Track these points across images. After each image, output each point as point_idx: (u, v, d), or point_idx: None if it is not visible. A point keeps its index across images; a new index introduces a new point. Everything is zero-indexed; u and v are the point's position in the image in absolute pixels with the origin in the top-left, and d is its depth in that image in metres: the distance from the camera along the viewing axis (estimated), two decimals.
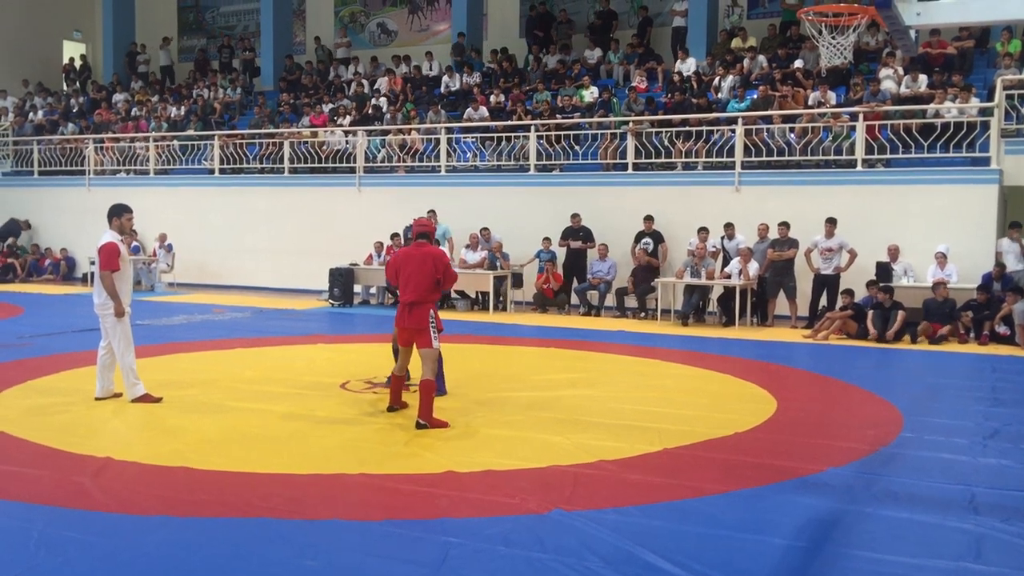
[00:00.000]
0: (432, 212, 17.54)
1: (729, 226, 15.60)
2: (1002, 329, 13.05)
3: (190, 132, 22.91)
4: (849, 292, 13.71)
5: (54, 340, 12.34)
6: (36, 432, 7.26)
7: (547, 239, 16.92)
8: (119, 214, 8.51)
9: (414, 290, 7.84)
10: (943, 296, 13.30)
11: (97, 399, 8.51)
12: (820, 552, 4.92)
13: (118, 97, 26.10)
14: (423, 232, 8.18)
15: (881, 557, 4.80)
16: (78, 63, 29.20)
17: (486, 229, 17.21)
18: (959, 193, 14.75)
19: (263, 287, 20.00)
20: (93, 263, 8.44)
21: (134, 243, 20.69)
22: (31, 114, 26.25)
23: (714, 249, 15.57)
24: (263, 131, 21.64)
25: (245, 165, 21.42)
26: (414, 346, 7.97)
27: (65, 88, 28.09)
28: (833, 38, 9.70)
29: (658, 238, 16.25)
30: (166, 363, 10.64)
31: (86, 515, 5.37)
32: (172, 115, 24.07)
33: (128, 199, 9.59)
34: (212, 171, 21.74)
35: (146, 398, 8.42)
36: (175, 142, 22.66)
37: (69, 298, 18.41)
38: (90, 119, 25.16)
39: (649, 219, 16.27)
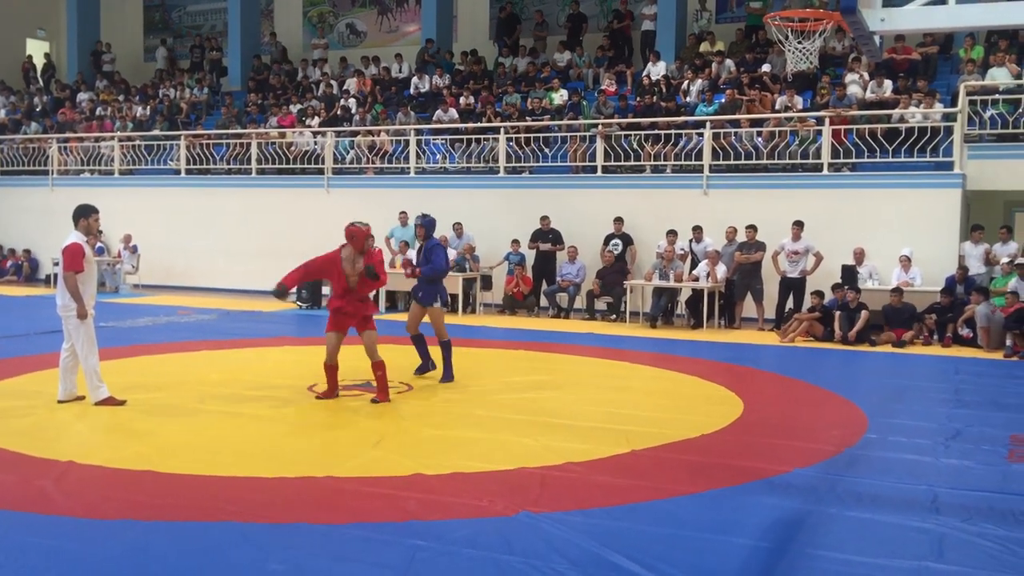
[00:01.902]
0: (403, 213, 17.50)
1: (697, 229, 15.71)
2: (965, 331, 13.23)
3: (156, 132, 22.69)
4: (819, 293, 13.83)
5: (16, 342, 12.16)
6: None
7: (516, 241, 16.94)
8: (86, 215, 8.41)
9: (365, 286, 8.87)
10: (899, 302, 13.45)
11: (60, 402, 8.38)
12: (785, 552, 4.96)
13: (82, 96, 25.78)
14: (351, 236, 8.88)
15: (845, 557, 4.85)
16: (41, 61, 28.81)
17: (459, 224, 17.16)
18: (923, 197, 14.94)
19: (231, 289, 19.83)
20: (56, 264, 8.33)
21: (99, 244, 20.45)
22: None
23: (682, 252, 15.66)
24: (230, 131, 21.47)
25: (212, 166, 21.24)
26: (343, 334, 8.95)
27: (25, 87, 27.68)
28: (799, 43, 9.81)
29: (627, 240, 16.32)
30: (131, 365, 10.52)
31: (49, 520, 5.29)
32: (137, 115, 23.82)
33: (93, 199, 9.46)
34: (178, 171, 21.54)
35: (110, 401, 8.32)
36: (140, 142, 22.43)
37: (31, 300, 18.16)
38: (54, 118, 24.83)
39: (619, 221, 16.34)
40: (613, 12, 22.30)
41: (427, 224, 10.36)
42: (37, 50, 29.58)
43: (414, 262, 10.44)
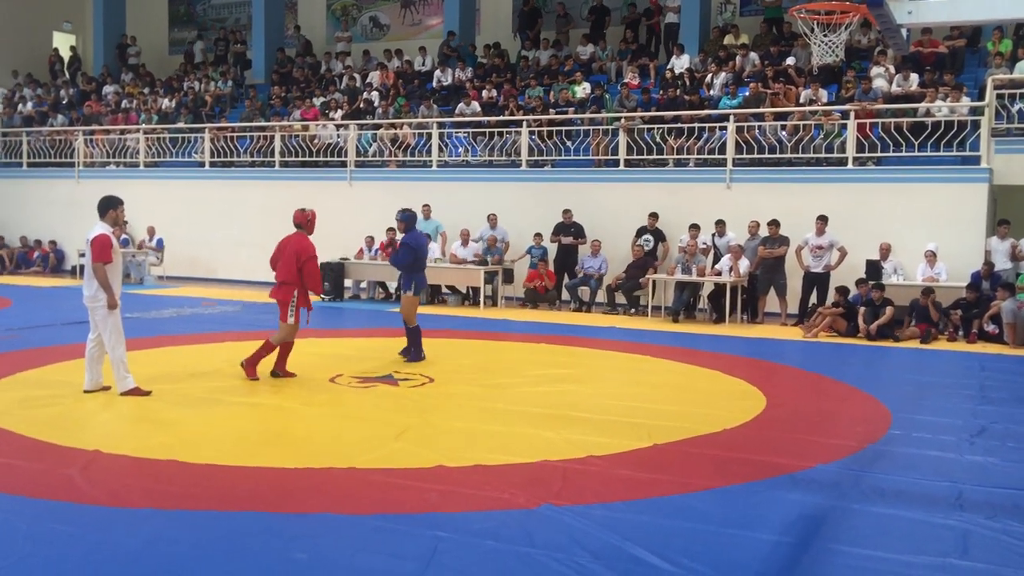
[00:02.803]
0: (426, 207, 17.53)
1: (720, 223, 15.62)
2: (991, 327, 13.11)
3: (180, 125, 22.83)
4: (843, 289, 13.72)
5: (42, 332, 12.30)
6: (25, 425, 7.24)
7: (538, 235, 16.92)
8: (114, 206, 8.49)
9: (282, 270, 9.35)
10: (927, 303, 13.29)
11: (86, 392, 8.47)
12: (808, 548, 4.94)
13: (108, 89, 25.97)
14: (296, 222, 9.55)
15: (868, 553, 4.83)
16: (67, 55, 29.05)
17: (493, 215, 17.16)
18: (949, 192, 14.80)
19: (254, 281, 19.92)
20: (82, 255, 8.42)
21: (123, 236, 20.63)
22: (20, 105, 26.12)
23: (704, 246, 15.59)
24: (254, 124, 21.58)
25: (236, 158, 21.36)
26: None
27: (51, 79, 27.93)
28: (825, 36, 9.73)
29: (659, 236, 16.24)
30: (156, 356, 10.61)
31: (75, 508, 5.36)
32: (162, 107, 23.98)
33: (118, 191, 9.55)
34: (203, 164, 21.67)
35: (136, 391, 8.39)
36: (165, 134, 22.58)
37: (58, 291, 18.34)
38: (80, 111, 25.04)
39: (653, 216, 16.23)
40: (631, 7, 22.20)
41: (406, 219, 10.95)
42: (63, 43, 29.84)
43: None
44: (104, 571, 4.47)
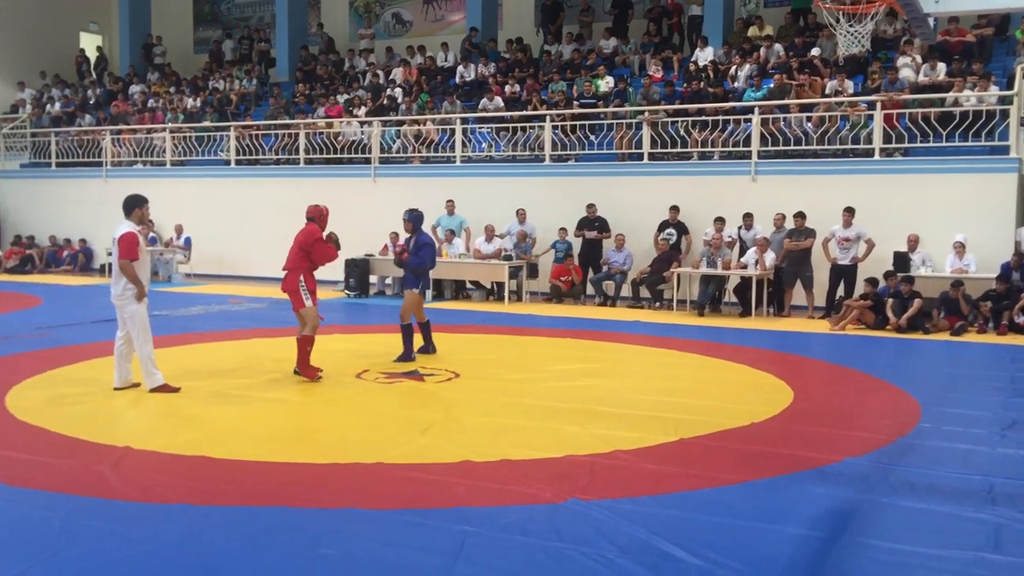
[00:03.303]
0: (450, 202, 17.56)
1: (748, 216, 15.50)
2: (1021, 319, 12.95)
3: (206, 123, 22.99)
4: (872, 281, 13.60)
5: (72, 331, 12.43)
6: (56, 422, 7.32)
7: (563, 229, 16.90)
8: (139, 205, 8.60)
9: (288, 260, 9.37)
10: (957, 295, 13.15)
11: (116, 389, 8.56)
12: (837, 542, 4.91)
13: (134, 88, 26.20)
14: (309, 215, 9.56)
15: (898, 547, 4.79)
16: (94, 55, 29.33)
17: (522, 210, 17.15)
18: (978, 182, 14.64)
19: (280, 277, 19.99)
20: (110, 254, 8.51)
21: (151, 234, 20.81)
22: (48, 106, 26.40)
23: (730, 239, 15.52)
24: (279, 122, 21.69)
25: (261, 156, 21.49)
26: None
27: (79, 80, 28.22)
28: (851, 26, 9.65)
29: (682, 229, 16.19)
30: (184, 353, 10.71)
31: (106, 504, 5.41)
32: (188, 106, 24.15)
33: (145, 190, 9.65)
34: (228, 162, 21.82)
35: (164, 388, 8.47)
36: (191, 133, 22.74)
37: (87, 289, 18.53)
38: (107, 110, 25.28)
39: (674, 210, 16.20)
40: (654, 0, 22.12)
41: (414, 219, 10.84)
42: (90, 44, 30.13)
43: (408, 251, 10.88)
44: (136, 566, 4.51)
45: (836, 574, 4.55)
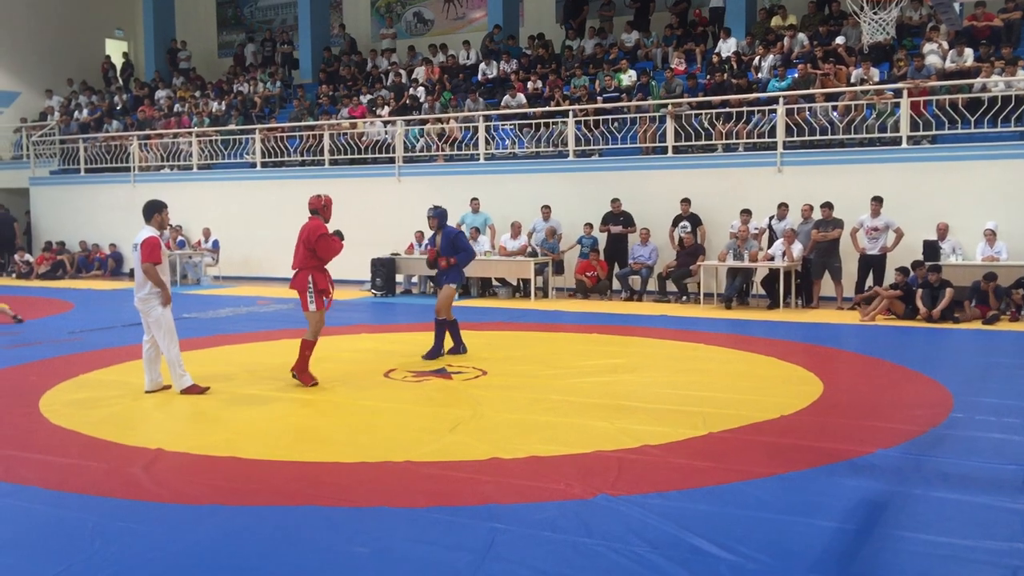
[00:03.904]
0: (475, 200, 17.58)
1: (782, 206, 15.30)
2: None
3: (231, 127, 23.14)
4: (903, 270, 13.46)
5: (103, 335, 12.57)
6: (89, 425, 7.41)
7: (588, 225, 16.87)
8: (159, 210, 8.71)
9: (295, 259, 9.19)
10: (988, 287, 12.99)
11: (147, 392, 8.65)
12: (870, 534, 4.87)
13: (160, 93, 26.43)
14: (312, 208, 9.30)
15: (932, 539, 4.75)
16: (120, 61, 29.62)
17: (547, 207, 17.14)
18: (1008, 168, 14.45)
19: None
20: (136, 249, 8.58)
21: (180, 238, 21.01)
22: (76, 113, 26.69)
23: (756, 231, 15.41)
24: (303, 124, 21.81)
25: (286, 158, 21.62)
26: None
27: (105, 86, 28.51)
28: (875, 13, 9.55)
29: (696, 221, 16.13)
30: (213, 355, 10.80)
31: (139, 505, 5.47)
32: (213, 110, 24.33)
33: (172, 194, 9.80)
34: (254, 165, 21.96)
35: (193, 389, 8.55)
36: (217, 137, 22.91)
37: (117, 293, 18.72)
38: (134, 116, 25.52)
39: (686, 202, 16.14)
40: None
41: (438, 215, 10.70)
42: (116, 50, 30.44)
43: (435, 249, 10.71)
44: (170, 567, 4.56)
45: (868, 566, 4.50)
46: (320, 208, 9.36)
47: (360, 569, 4.51)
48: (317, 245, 9.08)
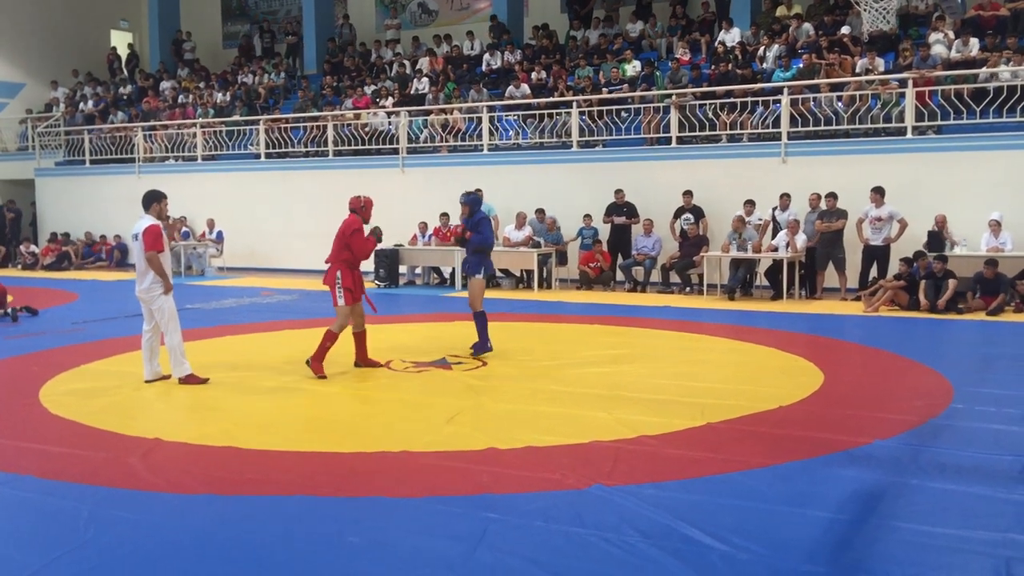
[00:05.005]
0: (479, 191, 17.51)
1: (784, 196, 15.25)
2: None
3: (236, 117, 23.15)
4: (907, 260, 13.40)
5: (106, 325, 12.61)
6: (88, 415, 7.43)
7: (588, 216, 16.84)
8: (158, 199, 8.72)
9: (331, 252, 9.24)
10: (992, 274, 12.95)
11: (147, 382, 8.67)
12: (864, 525, 4.85)
13: (165, 84, 26.44)
14: (352, 207, 9.48)
15: (926, 529, 4.73)
16: (125, 52, 29.63)
17: (541, 211, 17.12)
18: (1013, 159, 14.37)
19: (311, 269, 20.15)
20: (136, 238, 8.58)
21: (184, 228, 21.03)
22: (81, 104, 26.71)
23: (759, 221, 15.37)
24: (307, 115, 21.80)
25: (290, 149, 21.61)
26: (360, 302, 9.39)
27: (110, 77, 28.53)
28: (876, 2, 9.48)
29: (698, 213, 16.08)
30: (216, 345, 10.82)
31: (136, 494, 5.48)
32: (218, 101, 24.34)
33: (177, 185, 9.82)
34: (258, 156, 21.96)
35: (192, 378, 8.57)
36: (221, 128, 22.92)
37: (122, 284, 18.75)
38: (138, 107, 25.54)
39: (688, 194, 16.09)
40: None
41: (471, 202, 10.61)
42: (121, 41, 30.44)
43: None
44: (164, 555, 4.57)
45: (862, 556, 4.48)
46: (359, 208, 9.47)
47: (353, 559, 4.51)
48: (351, 240, 9.13)
